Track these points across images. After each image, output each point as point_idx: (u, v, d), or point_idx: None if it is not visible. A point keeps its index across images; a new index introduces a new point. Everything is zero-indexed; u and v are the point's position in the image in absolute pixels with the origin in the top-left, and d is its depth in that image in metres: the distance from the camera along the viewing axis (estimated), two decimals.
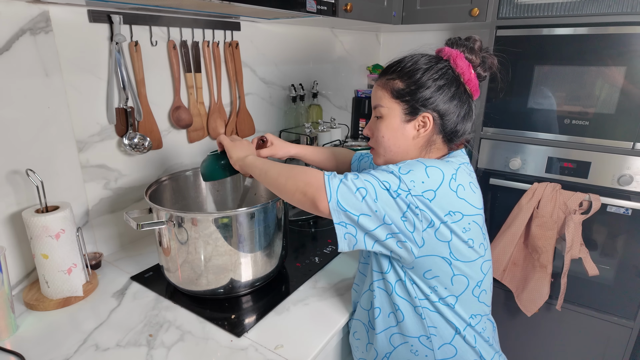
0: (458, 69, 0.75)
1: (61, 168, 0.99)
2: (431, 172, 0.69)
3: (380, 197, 0.66)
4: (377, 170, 0.70)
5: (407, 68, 0.76)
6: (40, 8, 0.89)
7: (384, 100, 0.78)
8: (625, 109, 1.30)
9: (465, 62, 0.76)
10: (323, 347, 0.82)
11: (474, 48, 0.77)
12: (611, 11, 1.25)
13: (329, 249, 1.18)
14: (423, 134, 0.76)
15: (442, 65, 0.76)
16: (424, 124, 0.76)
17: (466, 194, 0.71)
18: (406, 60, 0.78)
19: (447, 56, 0.76)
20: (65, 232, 0.89)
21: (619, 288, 1.46)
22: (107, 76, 1.04)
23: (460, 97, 0.76)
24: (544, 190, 1.44)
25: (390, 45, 2.21)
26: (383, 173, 0.69)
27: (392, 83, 0.77)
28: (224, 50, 1.31)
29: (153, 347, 0.80)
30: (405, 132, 0.77)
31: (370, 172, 0.70)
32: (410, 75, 0.75)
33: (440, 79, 0.75)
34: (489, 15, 1.46)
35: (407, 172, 0.68)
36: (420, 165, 0.69)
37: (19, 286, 0.97)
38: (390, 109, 0.77)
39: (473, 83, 0.77)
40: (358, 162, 1.05)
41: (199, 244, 0.88)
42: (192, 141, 1.29)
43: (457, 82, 0.76)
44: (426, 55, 0.78)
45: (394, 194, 0.66)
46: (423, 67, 0.75)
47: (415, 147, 0.78)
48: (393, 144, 0.78)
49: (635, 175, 1.33)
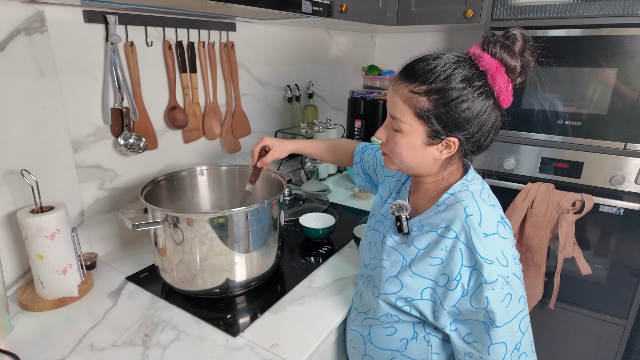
0: (495, 87, 0.65)
1: (56, 168, 0.99)
2: (509, 241, 0.69)
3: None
4: (508, 286, 0.65)
5: (438, 82, 0.64)
6: (35, 8, 0.89)
7: (405, 116, 0.68)
8: (617, 109, 1.31)
9: (504, 78, 0.65)
10: (318, 346, 0.83)
11: (516, 51, 0.65)
12: (604, 13, 1.27)
13: (324, 249, 1.18)
14: (446, 155, 0.70)
15: (479, 84, 0.64)
16: (448, 146, 0.69)
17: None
18: (438, 70, 0.65)
19: (485, 68, 0.65)
20: (61, 233, 0.89)
21: (612, 287, 1.48)
22: (103, 76, 1.04)
23: (491, 114, 0.67)
24: (537, 190, 1.46)
25: (386, 47, 2.22)
26: (518, 288, 0.67)
27: (418, 99, 0.66)
28: (220, 51, 1.31)
29: (149, 347, 0.80)
30: (425, 152, 0.70)
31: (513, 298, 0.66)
32: (442, 95, 0.64)
33: (476, 100, 0.65)
34: (483, 16, 1.47)
35: (515, 259, 0.67)
36: (501, 242, 0.67)
37: (14, 287, 0.97)
38: (412, 128, 0.68)
39: (508, 100, 0.68)
40: (361, 154, 1.04)
41: (194, 244, 0.88)
42: (187, 141, 1.29)
43: (491, 99, 0.66)
44: (461, 66, 0.65)
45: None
46: (457, 85, 0.64)
47: (434, 166, 0.73)
48: (411, 161, 0.72)
49: (627, 175, 1.34)
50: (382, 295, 0.75)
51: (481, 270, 0.64)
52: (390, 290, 0.74)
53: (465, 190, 0.72)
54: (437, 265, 0.69)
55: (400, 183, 0.88)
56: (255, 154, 1.03)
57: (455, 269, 0.66)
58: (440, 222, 0.71)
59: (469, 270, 0.66)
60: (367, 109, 2.03)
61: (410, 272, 0.72)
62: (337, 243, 1.22)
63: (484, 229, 0.66)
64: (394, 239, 0.78)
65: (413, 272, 0.72)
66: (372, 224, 0.90)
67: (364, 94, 2.05)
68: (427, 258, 0.70)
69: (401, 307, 0.73)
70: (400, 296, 0.73)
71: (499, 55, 0.65)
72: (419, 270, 0.71)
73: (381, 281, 0.76)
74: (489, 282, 0.64)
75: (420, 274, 0.71)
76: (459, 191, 0.72)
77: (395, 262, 0.76)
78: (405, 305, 0.72)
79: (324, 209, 1.45)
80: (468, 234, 0.66)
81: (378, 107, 1.99)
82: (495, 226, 0.67)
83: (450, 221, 0.69)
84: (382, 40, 2.22)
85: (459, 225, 0.67)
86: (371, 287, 0.81)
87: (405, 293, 0.72)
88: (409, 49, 2.23)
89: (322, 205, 1.48)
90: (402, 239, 0.77)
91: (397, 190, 0.88)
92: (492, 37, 0.66)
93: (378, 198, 0.93)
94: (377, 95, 2.02)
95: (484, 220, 0.67)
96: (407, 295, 0.72)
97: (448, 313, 0.69)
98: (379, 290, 0.77)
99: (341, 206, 1.52)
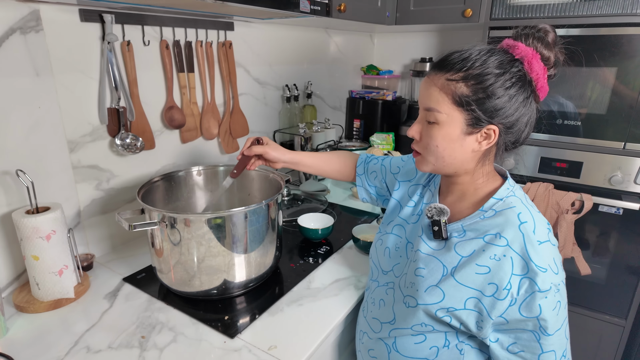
0: (532, 74, 0.65)
1: (52, 168, 0.98)
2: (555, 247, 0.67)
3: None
4: (554, 297, 0.63)
5: (475, 69, 0.64)
6: (30, 7, 0.88)
7: (442, 105, 0.66)
8: (616, 109, 1.31)
9: (541, 65, 0.65)
10: (317, 348, 0.82)
11: (549, 42, 0.65)
12: (603, 12, 1.27)
13: (323, 250, 1.18)
14: (485, 147, 0.67)
15: (516, 70, 0.64)
16: (488, 135, 0.67)
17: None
18: (473, 57, 0.64)
19: (520, 56, 0.65)
20: (56, 233, 0.89)
21: (611, 287, 1.48)
22: (99, 76, 1.03)
23: (530, 104, 0.66)
24: (536, 190, 1.45)
25: (384, 46, 2.21)
26: (559, 300, 0.64)
27: (455, 86, 0.65)
28: (218, 50, 1.30)
29: (145, 349, 0.79)
30: (464, 143, 0.67)
31: (560, 314, 0.64)
32: (480, 80, 0.63)
33: (514, 87, 0.64)
34: (482, 16, 1.47)
35: (561, 266, 0.66)
36: (552, 249, 0.65)
37: (9, 288, 0.96)
38: (450, 117, 0.66)
39: (545, 89, 0.67)
40: (365, 165, 1.00)
41: (191, 245, 0.87)
42: (185, 141, 1.29)
43: (529, 88, 0.65)
44: (496, 53, 0.65)
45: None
46: (495, 71, 0.63)
47: (472, 160, 0.70)
48: (448, 155, 0.69)
49: (626, 175, 1.34)
50: (422, 305, 0.71)
51: (535, 279, 0.62)
52: (431, 301, 0.70)
53: (512, 195, 0.70)
54: (483, 274, 0.66)
55: (420, 186, 0.85)
56: (249, 142, 0.95)
57: (505, 278, 0.64)
58: (489, 229, 0.68)
59: (519, 279, 0.63)
60: (366, 109, 2.02)
61: (454, 281, 0.68)
62: (336, 243, 1.21)
63: (538, 236, 0.64)
64: (430, 246, 0.74)
65: (457, 281, 0.68)
66: (390, 229, 0.86)
67: (363, 94, 2.05)
68: (473, 266, 0.67)
69: (441, 318, 0.69)
70: (441, 306, 0.69)
71: (533, 44, 0.65)
72: (463, 279, 0.68)
73: (419, 291, 0.72)
74: (543, 290, 0.62)
75: (464, 283, 0.67)
76: (506, 196, 0.70)
77: (433, 270, 0.71)
78: (446, 315, 0.69)
79: (322, 209, 1.44)
80: (522, 241, 0.64)
81: (377, 107, 1.98)
82: (547, 233, 0.66)
83: (501, 228, 0.66)
84: (380, 40, 2.22)
85: (512, 233, 0.65)
86: (401, 296, 0.76)
87: (448, 303, 0.68)
88: (408, 48, 2.24)
89: (320, 206, 1.47)
90: (439, 245, 0.73)
91: (419, 193, 0.84)
92: (522, 30, 0.66)
93: (394, 203, 0.89)
94: (375, 95, 2.01)
95: (538, 227, 0.65)
96: (449, 306, 0.68)
97: (494, 323, 0.66)
98: (416, 300, 0.72)
99: (340, 206, 1.51)
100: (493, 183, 0.73)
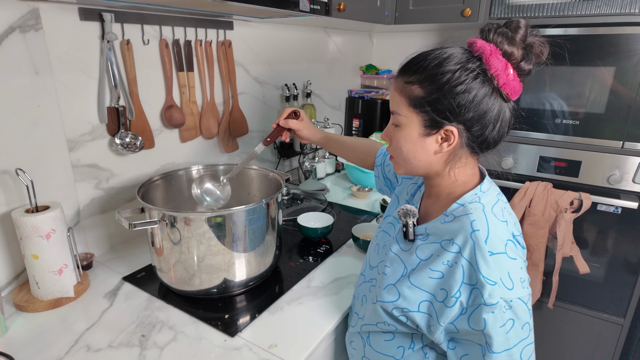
0: (491, 71, 0.62)
1: (51, 167, 0.98)
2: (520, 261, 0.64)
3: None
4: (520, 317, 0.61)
5: (428, 70, 0.64)
6: (30, 5, 0.88)
7: (401, 108, 0.67)
8: (614, 108, 1.31)
9: (501, 61, 0.61)
10: (317, 346, 0.82)
11: (514, 38, 0.62)
12: (601, 12, 1.27)
13: (322, 249, 1.18)
14: (447, 148, 0.66)
15: (472, 67, 0.62)
16: (447, 137, 0.65)
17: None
18: (429, 59, 0.64)
19: (478, 52, 0.62)
20: (56, 232, 0.88)
21: (610, 285, 1.48)
22: (99, 75, 1.03)
23: (493, 103, 0.63)
24: (535, 189, 1.46)
25: (383, 46, 2.21)
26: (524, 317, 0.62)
27: (411, 88, 0.66)
28: (217, 50, 1.30)
29: (146, 348, 0.79)
30: (425, 145, 0.67)
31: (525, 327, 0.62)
32: (432, 80, 0.63)
33: (471, 84, 0.62)
34: (481, 15, 1.47)
35: (523, 283, 0.62)
36: (508, 262, 0.62)
37: (9, 287, 0.96)
38: (409, 119, 0.67)
39: (510, 86, 0.63)
40: (383, 157, 1.02)
41: (191, 244, 0.87)
42: (184, 140, 1.29)
43: (490, 86, 0.63)
44: (454, 52, 0.64)
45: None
46: (448, 69, 0.62)
47: (438, 162, 0.69)
48: (413, 157, 0.69)
49: (624, 174, 1.35)
50: (380, 302, 0.73)
51: (482, 291, 0.60)
52: (387, 299, 0.71)
53: (476, 202, 0.67)
54: (437, 278, 0.66)
55: (416, 186, 0.85)
56: (286, 113, 1.02)
57: (455, 285, 0.63)
58: (444, 234, 0.67)
59: (469, 289, 0.62)
60: (365, 108, 2.02)
61: (408, 282, 0.69)
62: (336, 242, 1.21)
63: (490, 246, 0.62)
64: (400, 246, 0.76)
65: (412, 283, 0.69)
66: (384, 225, 0.87)
67: (362, 93, 2.05)
68: (427, 270, 0.67)
69: (397, 317, 0.71)
70: (396, 306, 0.70)
71: (494, 39, 0.62)
72: (417, 282, 0.68)
73: (380, 288, 0.74)
74: (489, 304, 0.59)
75: (418, 286, 0.68)
76: (469, 202, 0.68)
77: (396, 270, 0.73)
78: (401, 315, 0.70)
79: (322, 208, 1.44)
80: (472, 250, 0.62)
81: (376, 107, 1.99)
82: (503, 245, 0.63)
83: (454, 234, 0.65)
84: (379, 40, 2.22)
85: (463, 240, 0.64)
86: (374, 292, 0.78)
87: (402, 303, 0.69)
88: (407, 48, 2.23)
89: (320, 205, 1.47)
90: (406, 246, 0.74)
91: (412, 193, 0.85)
92: (486, 26, 0.64)
93: (394, 199, 0.90)
94: (374, 94, 2.01)
95: (492, 237, 0.63)
96: (403, 306, 0.69)
97: (445, 330, 0.66)
98: (376, 296, 0.74)
99: (339, 205, 1.51)
100: (468, 186, 0.71)
